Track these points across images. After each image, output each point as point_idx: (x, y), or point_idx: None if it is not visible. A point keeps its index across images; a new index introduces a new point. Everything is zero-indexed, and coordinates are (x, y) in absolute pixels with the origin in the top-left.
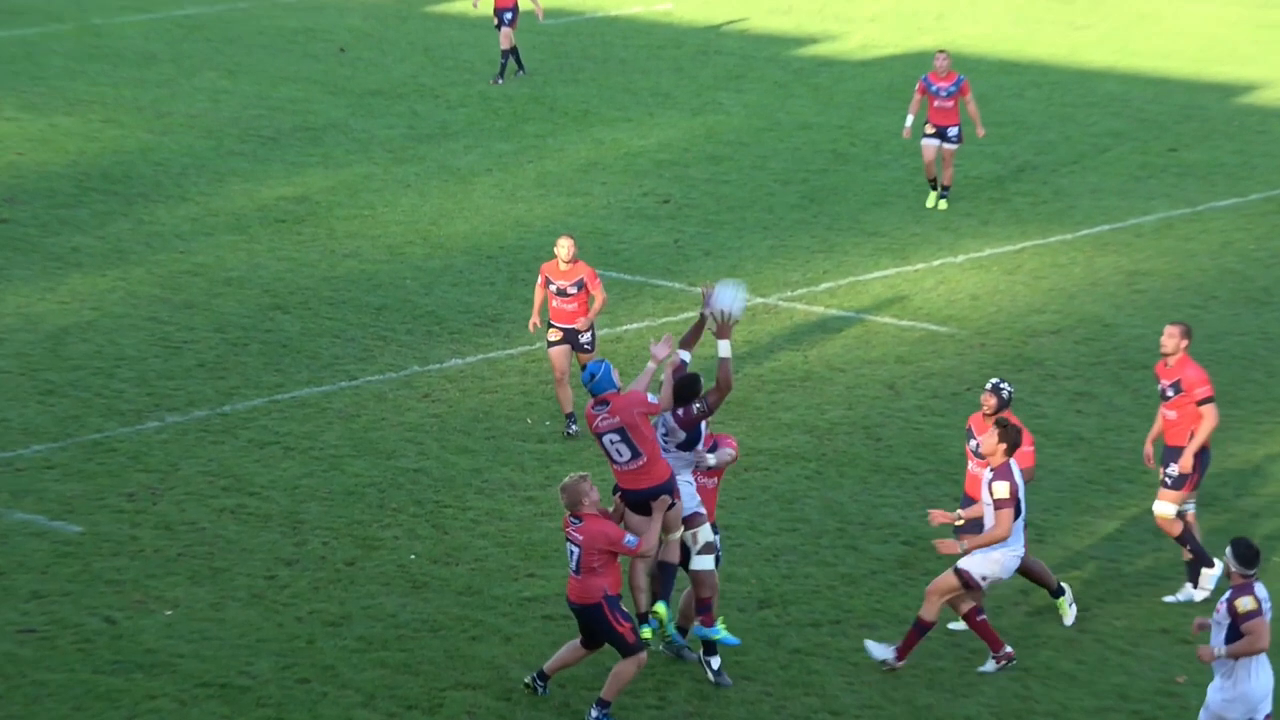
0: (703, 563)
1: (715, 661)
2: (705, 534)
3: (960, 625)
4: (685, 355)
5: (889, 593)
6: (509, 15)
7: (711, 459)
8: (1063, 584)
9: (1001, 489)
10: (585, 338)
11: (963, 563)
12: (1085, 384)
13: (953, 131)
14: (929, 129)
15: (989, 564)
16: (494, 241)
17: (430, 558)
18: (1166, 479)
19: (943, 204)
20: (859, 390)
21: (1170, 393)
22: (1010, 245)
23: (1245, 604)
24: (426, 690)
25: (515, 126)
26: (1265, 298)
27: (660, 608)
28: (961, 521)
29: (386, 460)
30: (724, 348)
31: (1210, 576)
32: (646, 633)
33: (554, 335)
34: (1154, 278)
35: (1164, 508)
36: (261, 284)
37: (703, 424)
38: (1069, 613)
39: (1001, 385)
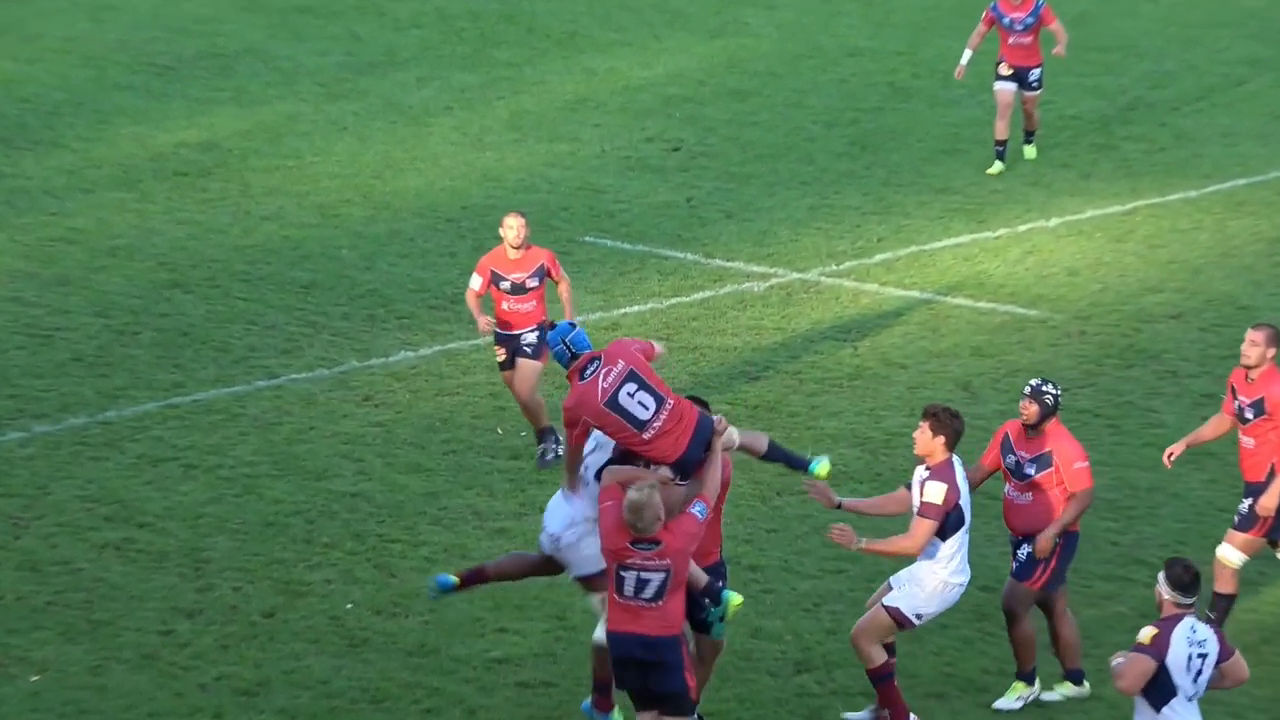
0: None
1: None
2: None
3: (1055, 695)
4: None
5: (963, 652)
6: None
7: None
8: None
9: (935, 492)
10: (527, 340)
11: (891, 599)
12: (1214, 383)
13: (1035, 74)
14: (1004, 69)
15: (922, 598)
16: (455, 200)
17: (372, 607)
18: (1236, 515)
19: (1030, 151)
20: (924, 392)
21: (1249, 414)
22: (1118, 205)
23: (1145, 632)
24: None
25: (482, 53)
26: None
27: (734, 597)
28: (862, 549)
29: (316, 482)
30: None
31: None
32: (732, 604)
33: (500, 354)
34: None
35: (1229, 552)
36: (156, 255)
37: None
38: (1013, 698)
39: (1045, 388)
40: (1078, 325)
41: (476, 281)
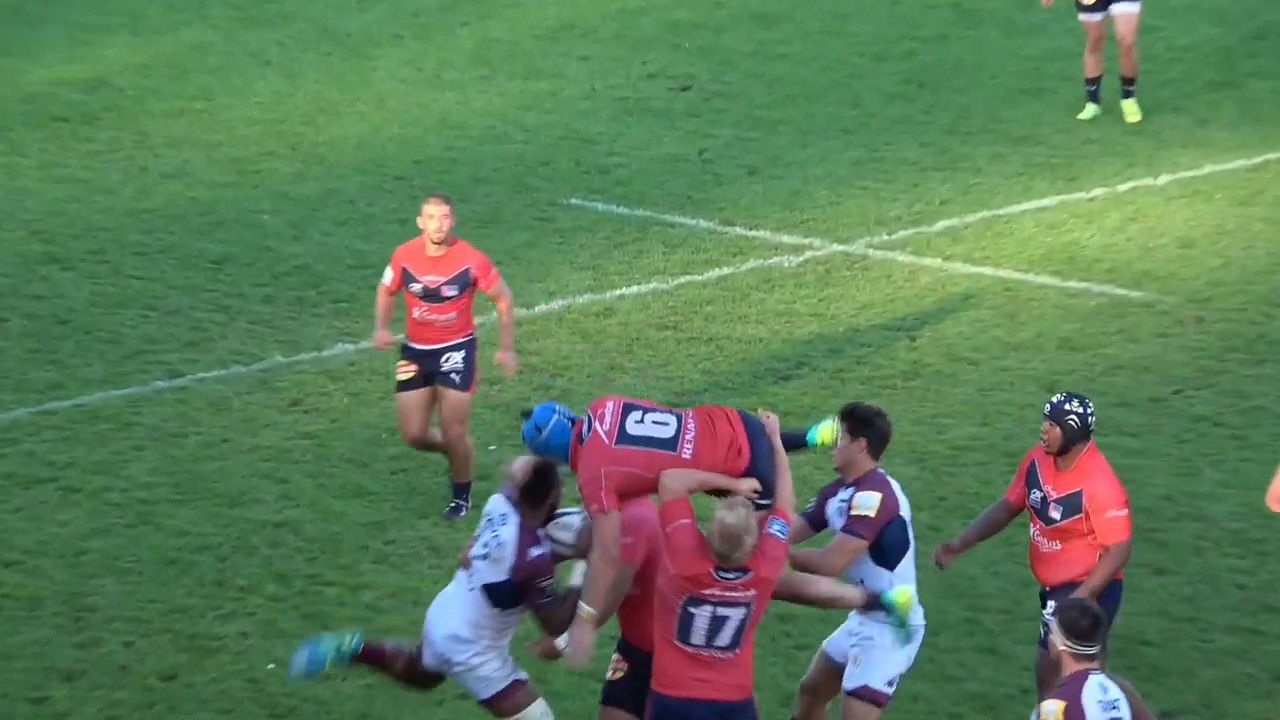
0: None
1: None
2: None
3: None
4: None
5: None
6: None
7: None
8: None
9: (865, 503)
10: (452, 363)
11: (855, 678)
12: None
13: None
14: None
15: (888, 659)
16: (405, 153)
17: None
18: None
19: (1131, 109)
20: (998, 395)
21: None
22: (1243, 159)
23: (1050, 710)
24: None
25: None
26: None
27: (899, 593)
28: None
29: (230, 508)
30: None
31: None
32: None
33: (404, 371)
34: None
35: None
36: (28, 221)
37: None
38: None
39: (1067, 406)
40: (1193, 310)
41: (388, 275)
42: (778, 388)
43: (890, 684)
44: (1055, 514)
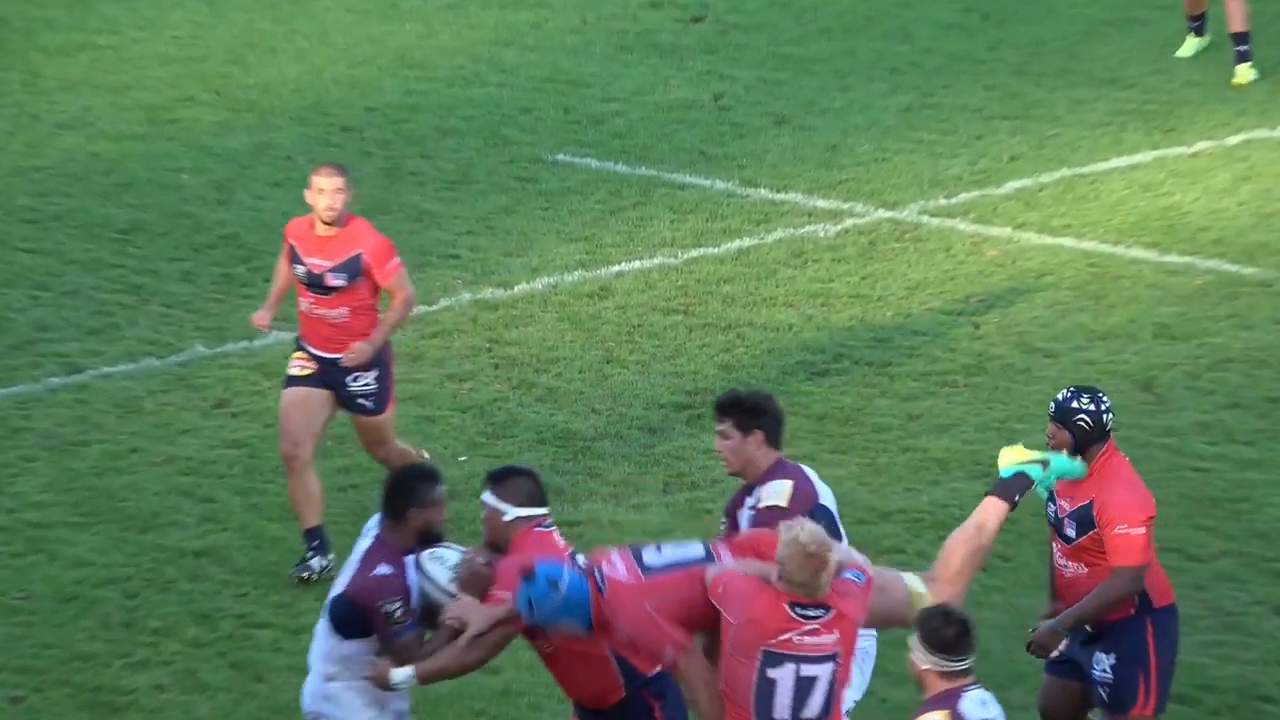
0: None
1: None
2: None
3: None
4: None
5: None
6: None
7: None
8: None
9: (774, 492)
10: (361, 383)
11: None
12: None
13: None
14: None
15: (854, 681)
16: (356, 98)
17: None
18: None
19: (1244, 73)
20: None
21: None
22: None
23: None
24: None
25: None
26: None
27: None
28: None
29: (141, 533)
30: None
31: None
32: None
33: (300, 365)
34: None
35: None
36: None
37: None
38: None
39: (1074, 404)
40: None
41: (282, 253)
42: (811, 385)
43: (855, 703)
44: (1070, 531)
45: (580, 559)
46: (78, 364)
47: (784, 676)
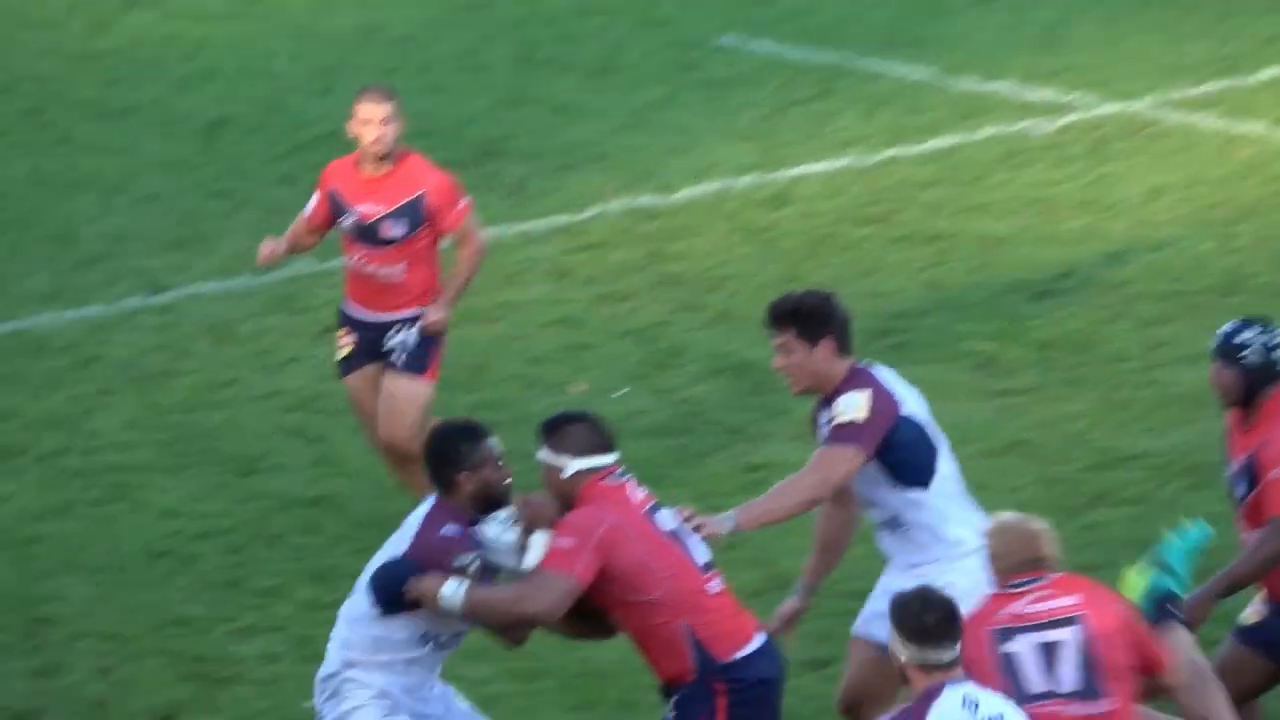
0: None
1: None
2: None
3: None
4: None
5: None
6: None
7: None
8: None
9: (850, 405)
10: (400, 337)
11: (864, 627)
12: None
13: None
14: None
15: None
16: (327, 24)
17: None
18: None
19: None
20: None
21: None
22: None
23: None
24: None
25: None
26: None
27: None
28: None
29: (242, 478)
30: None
31: None
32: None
33: (347, 343)
34: None
35: None
36: None
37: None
38: None
39: (1239, 338)
40: None
41: (311, 204)
42: (1033, 307)
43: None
44: (1239, 490)
45: (668, 512)
46: (160, 282)
47: (1021, 648)
